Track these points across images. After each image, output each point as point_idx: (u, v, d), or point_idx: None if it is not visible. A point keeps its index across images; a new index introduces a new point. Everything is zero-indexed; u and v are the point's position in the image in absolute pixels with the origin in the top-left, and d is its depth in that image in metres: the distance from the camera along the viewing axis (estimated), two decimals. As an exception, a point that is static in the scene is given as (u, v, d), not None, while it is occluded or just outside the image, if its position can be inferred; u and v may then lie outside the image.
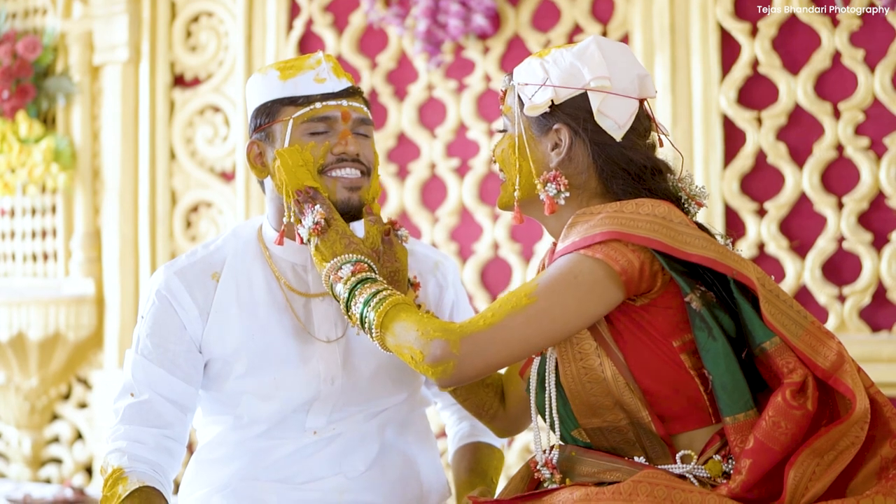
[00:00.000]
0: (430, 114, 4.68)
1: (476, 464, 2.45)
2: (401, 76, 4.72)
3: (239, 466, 2.32)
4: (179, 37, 5.15)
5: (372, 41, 4.78)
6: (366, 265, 2.11)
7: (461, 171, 4.60)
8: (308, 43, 4.88)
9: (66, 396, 5.40)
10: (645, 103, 2.08)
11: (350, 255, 2.12)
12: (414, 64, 4.67)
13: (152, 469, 2.21)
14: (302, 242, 2.20)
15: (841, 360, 1.88)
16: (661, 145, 2.11)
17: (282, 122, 2.24)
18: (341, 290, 2.08)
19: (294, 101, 2.24)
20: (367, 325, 2.03)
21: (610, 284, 1.90)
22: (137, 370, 2.26)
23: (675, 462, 1.95)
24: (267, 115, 2.27)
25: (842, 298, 3.97)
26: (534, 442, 2.11)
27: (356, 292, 2.05)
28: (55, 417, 5.42)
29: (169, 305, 2.28)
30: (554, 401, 2.03)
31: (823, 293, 3.97)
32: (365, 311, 2.02)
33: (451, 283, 2.48)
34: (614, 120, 2.02)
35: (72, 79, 5.19)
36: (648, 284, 1.93)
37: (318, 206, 2.16)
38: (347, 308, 2.07)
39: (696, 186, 2.08)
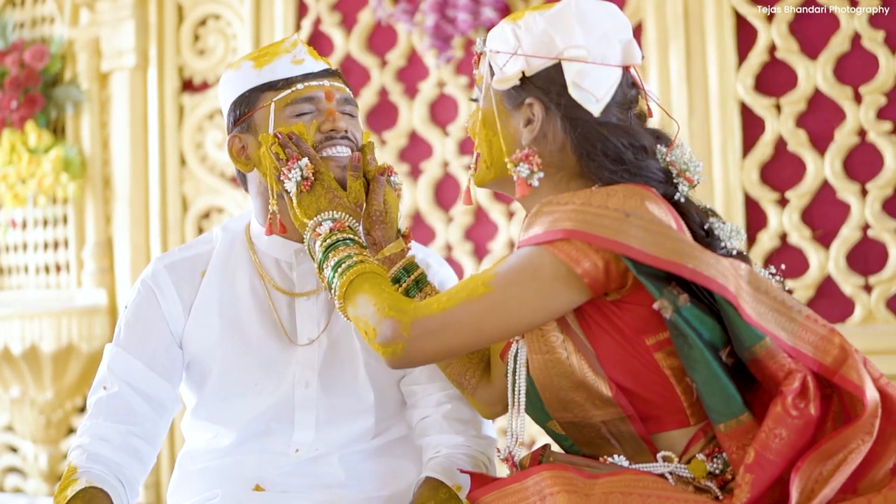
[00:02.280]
0: (442, 111, 4.60)
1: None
2: (411, 74, 4.65)
3: (223, 478, 2.24)
4: (187, 41, 5.10)
5: (381, 39, 4.71)
6: (346, 224, 2.02)
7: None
8: (316, 43, 4.81)
9: (82, 409, 5.34)
10: (631, 70, 1.92)
11: (332, 211, 2.04)
12: (424, 61, 4.60)
13: (110, 470, 2.14)
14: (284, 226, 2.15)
15: (844, 354, 1.75)
16: (651, 115, 1.96)
17: (262, 108, 2.17)
18: (318, 249, 2.00)
19: (273, 86, 2.17)
20: (332, 291, 1.96)
21: (572, 284, 1.78)
22: (114, 362, 2.21)
23: (656, 461, 1.83)
24: (245, 105, 2.19)
25: (868, 288, 3.87)
26: (508, 430, 1.97)
27: (329, 254, 1.97)
28: (71, 431, 5.37)
29: (153, 296, 2.23)
30: (523, 394, 1.91)
31: (849, 283, 3.88)
32: (332, 276, 1.95)
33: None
34: (591, 93, 1.86)
35: (80, 87, 5.17)
36: (618, 283, 1.79)
37: (305, 160, 2.08)
38: (321, 269, 2.00)
39: (690, 160, 1.91)
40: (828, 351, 1.75)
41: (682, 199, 1.89)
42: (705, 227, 1.89)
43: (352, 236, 2.00)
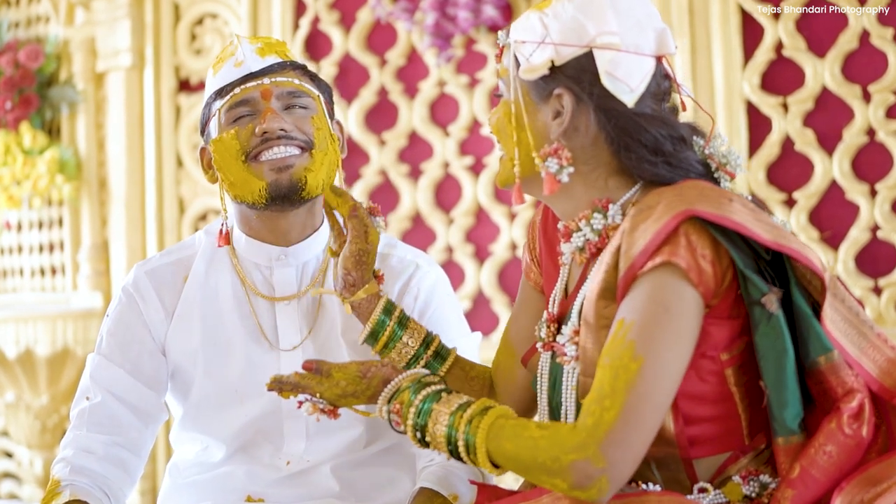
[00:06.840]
0: (443, 111, 4.54)
1: None
2: (411, 73, 4.59)
3: (214, 489, 2.20)
4: (184, 40, 5.04)
5: (380, 38, 4.65)
6: (390, 393, 1.83)
7: (476, 169, 4.46)
8: (314, 42, 4.76)
9: (77, 414, 5.29)
10: (664, 61, 1.82)
11: (380, 404, 1.84)
12: (424, 60, 4.54)
13: (94, 482, 2.09)
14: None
15: None
16: (685, 108, 1.87)
17: (213, 117, 2.15)
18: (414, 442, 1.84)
19: (220, 93, 2.14)
20: (464, 459, 1.76)
21: (697, 297, 1.65)
22: (97, 371, 2.17)
23: (692, 493, 1.75)
24: (204, 115, 2.19)
25: (877, 290, 3.82)
26: None
27: (428, 442, 1.79)
28: (67, 436, 5.31)
29: (135, 303, 2.19)
30: (571, 416, 1.79)
31: (858, 285, 3.81)
32: (453, 435, 1.74)
33: (423, 292, 2.25)
34: (625, 82, 1.74)
35: (75, 87, 5.11)
36: (716, 284, 1.68)
37: (308, 402, 1.90)
38: (427, 443, 1.81)
39: (730, 153, 1.80)
40: (891, 373, 1.70)
41: None
42: None
43: (414, 400, 1.80)
